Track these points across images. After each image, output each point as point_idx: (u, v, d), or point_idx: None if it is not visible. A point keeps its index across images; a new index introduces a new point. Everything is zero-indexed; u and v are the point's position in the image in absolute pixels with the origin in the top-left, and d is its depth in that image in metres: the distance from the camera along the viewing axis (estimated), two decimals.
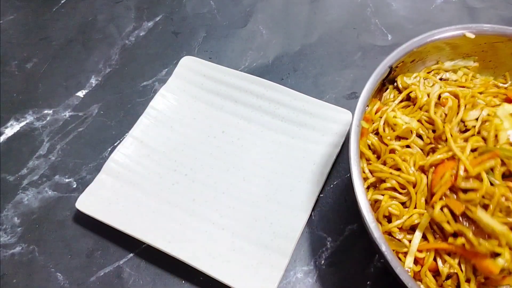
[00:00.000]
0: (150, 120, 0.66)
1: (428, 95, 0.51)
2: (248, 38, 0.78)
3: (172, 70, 0.70)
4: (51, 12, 0.86)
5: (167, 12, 0.84)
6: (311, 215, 0.57)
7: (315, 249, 0.56)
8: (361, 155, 0.49)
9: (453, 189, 0.43)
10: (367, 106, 0.49)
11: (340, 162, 0.62)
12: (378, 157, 0.50)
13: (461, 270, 0.43)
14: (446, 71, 0.57)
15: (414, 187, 0.46)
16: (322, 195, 0.60)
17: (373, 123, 0.51)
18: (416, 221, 0.44)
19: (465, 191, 0.42)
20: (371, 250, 0.56)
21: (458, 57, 0.57)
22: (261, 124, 0.65)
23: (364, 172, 0.49)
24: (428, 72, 0.56)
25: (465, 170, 0.42)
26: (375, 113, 0.52)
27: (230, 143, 0.64)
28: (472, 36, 0.53)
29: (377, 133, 0.51)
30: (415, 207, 0.45)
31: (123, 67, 0.77)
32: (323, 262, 0.56)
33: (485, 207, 0.41)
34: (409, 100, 0.53)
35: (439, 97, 0.50)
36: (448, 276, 0.44)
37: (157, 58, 0.77)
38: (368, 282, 0.54)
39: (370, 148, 0.50)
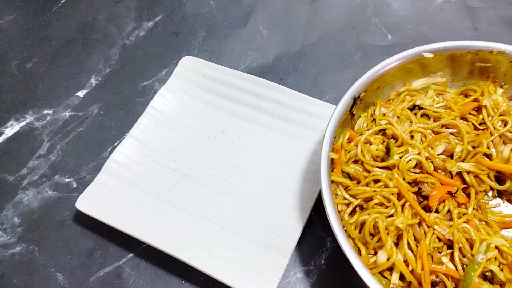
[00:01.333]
0: (150, 120, 0.66)
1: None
2: (248, 38, 0.78)
3: (172, 70, 0.70)
4: (51, 12, 0.86)
5: (167, 12, 0.84)
6: (311, 215, 0.57)
7: (315, 249, 0.56)
8: (337, 184, 0.51)
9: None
10: (334, 137, 0.51)
11: None
12: (358, 182, 0.52)
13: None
14: (415, 91, 0.58)
15: (399, 199, 0.48)
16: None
17: (347, 152, 0.54)
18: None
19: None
20: None
21: (425, 75, 0.58)
22: (261, 124, 0.65)
23: (345, 199, 0.51)
24: (398, 95, 0.58)
25: None
26: (348, 142, 0.54)
27: (230, 143, 0.64)
28: (431, 55, 0.55)
29: (355, 161, 0.54)
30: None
31: (123, 67, 0.77)
32: (323, 262, 0.56)
33: None
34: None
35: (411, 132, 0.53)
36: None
37: (157, 58, 0.77)
38: None
39: (349, 176, 0.52)
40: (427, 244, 0.46)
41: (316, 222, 0.58)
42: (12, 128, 0.71)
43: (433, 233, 0.46)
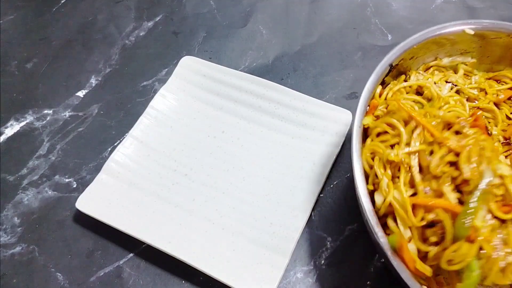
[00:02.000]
0: (150, 120, 0.66)
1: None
2: (248, 38, 0.78)
3: (172, 70, 0.70)
4: (51, 12, 0.86)
5: (167, 12, 0.84)
6: (311, 215, 0.57)
7: (315, 249, 0.56)
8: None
9: None
10: (368, 105, 0.49)
11: (340, 162, 0.62)
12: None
13: None
14: (444, 67, 0.57)
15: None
16: (322, 195, 0.60)
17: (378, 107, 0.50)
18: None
19: None
20: (371, 250, 0.56)
21: (456, 53, 0.57)
22: (261, 124, 0.65)
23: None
24: (427, 69, 0.56)
25: None
26: (379, 96, 0.52)
27: (230, 143, 0.64)
28: (472, 32, 0.53)
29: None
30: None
31: (123, 67, 0.77)
32: (323, 262, 0.56)
33: None
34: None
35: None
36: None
37: (157, 58, 0.77)
38: (368, 282, 0.54)
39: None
40: (435, 166, 0.41)
41: (316, 222, 0.58)
42: (12, 128, 0.71)
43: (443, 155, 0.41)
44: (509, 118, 0.53)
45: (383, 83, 0.54)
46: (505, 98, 0.53)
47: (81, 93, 0.74)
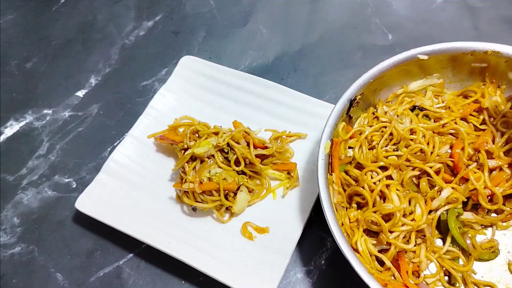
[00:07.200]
0: (150, 120, 0.66)
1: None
2: (248, 37, 0.78)
3: (172, 70, 0.70)
4: (50, 11, 0.86)
5: (167, 11, 0.84)
6: (311, 215, 0.57)
7: (315, 249, 0.56)
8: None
9: None
10: (331, 140, 0.51)
11: None
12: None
13: None
14: (412, 92, 0.58)
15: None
16: None
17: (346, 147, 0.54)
18: None
19: None
20: None
21: (422, 77, 0.58)
22: (261, 124, 0.65)
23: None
24: (396, 96, 0.59)
25: None
26: (350, 138, 0.55)
27: None
28: (426, 57, 0.55)
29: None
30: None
31: (123, 67, 0.77)
32: (323, 262, 0.55)
33: None
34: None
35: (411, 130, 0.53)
36: None
37: (157, 57, 0.77)
38: None
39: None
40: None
41: (316, 222, 0.58)
42: (12, 128, 0.71)
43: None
44: (477, 129, 0.55)
45: (350, 117, 0.56)
46: (471, 111, 0.55)
47: (80, 93, 0.74)
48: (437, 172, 0.51)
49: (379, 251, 0.49)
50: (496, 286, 0.48)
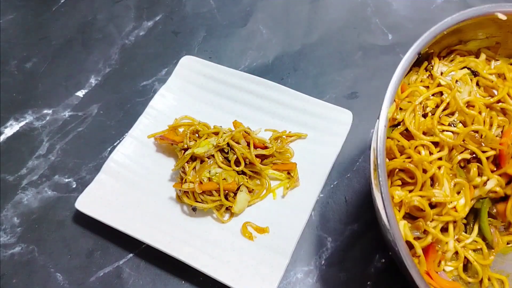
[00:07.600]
0: (150, 120, 0.66)
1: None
2: (248, 37, 0.78)
3: (172, 70, 0.70)
4: (50, 11, 0.86)
5: (167, 11, 0.84)
6: (311, 215, 0.57)
7: (315, 249, 0.56)
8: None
9: None
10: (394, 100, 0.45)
11: (340, 162, 0.62)
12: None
13: None
14: (467, 51, 0.53)
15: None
16: (322, 195, 0.60)
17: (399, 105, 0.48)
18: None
19: None
20: (371, 250, 0.56)
21: (482, 37, 0.53)
22: (261, 124, 0.65)
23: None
24: (449, 53, 0.53)
25: None
26: (401, 92, 0.49)
27: None
28: (504, 17, 0.48)
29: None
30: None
31: (123, 67, 0.77)
32: (323, 262, 0.56)
33: None
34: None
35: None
36: None
37: (157, 57, 0.77)
38: (368, 282, 0.54)
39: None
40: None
41: (316, 222, 0.58)
42: (12, 128, 0.71)
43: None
44: None
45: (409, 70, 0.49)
46: None
47: (80, 93, 0.74)
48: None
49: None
50: (506, 281, 0.47)
